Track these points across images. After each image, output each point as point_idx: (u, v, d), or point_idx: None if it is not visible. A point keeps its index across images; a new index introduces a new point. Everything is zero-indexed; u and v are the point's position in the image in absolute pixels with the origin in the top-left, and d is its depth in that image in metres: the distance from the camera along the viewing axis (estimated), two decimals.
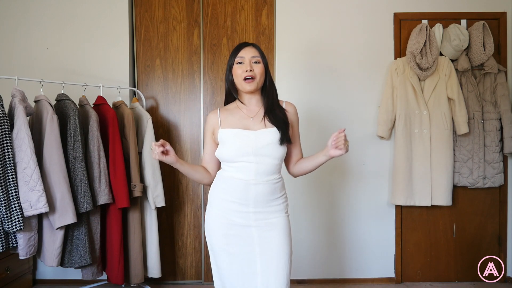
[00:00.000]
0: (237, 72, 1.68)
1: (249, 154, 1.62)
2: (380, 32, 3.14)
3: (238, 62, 1.69)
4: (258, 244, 1.63)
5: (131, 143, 2.67)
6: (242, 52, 1.70)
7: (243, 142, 1.63)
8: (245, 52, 1.69)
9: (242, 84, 1.68)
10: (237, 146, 1.63)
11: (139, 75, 3.17)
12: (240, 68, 1.68)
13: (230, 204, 1.67)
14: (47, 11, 3.12)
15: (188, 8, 3.16)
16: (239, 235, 1.64)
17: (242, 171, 1.64)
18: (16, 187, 2.16)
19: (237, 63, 1.69)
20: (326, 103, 3.14)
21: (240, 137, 1.64)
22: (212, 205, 1.75)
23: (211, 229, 1.71)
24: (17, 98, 2.25)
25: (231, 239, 1.65)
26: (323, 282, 3.13)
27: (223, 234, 1.66)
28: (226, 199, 1.68)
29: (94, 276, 2.60)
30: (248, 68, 1.66)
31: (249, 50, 1.70)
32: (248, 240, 1.64)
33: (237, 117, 1.71)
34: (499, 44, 3.12)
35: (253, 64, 1.68)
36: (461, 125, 2.94)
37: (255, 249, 1.63)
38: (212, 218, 1.72)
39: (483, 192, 3.13)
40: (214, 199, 1.74)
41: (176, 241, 3.17)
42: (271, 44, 3.15)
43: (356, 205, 3.15)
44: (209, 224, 1.73)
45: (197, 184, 3.15)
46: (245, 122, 1.69)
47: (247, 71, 1.65)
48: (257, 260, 1.63)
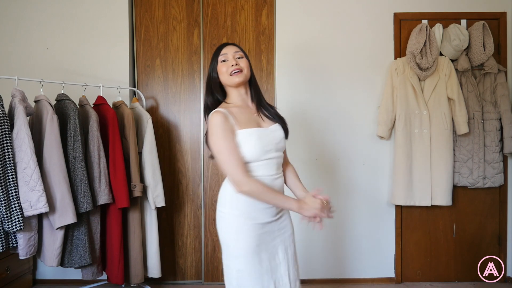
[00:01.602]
0: (223, 69, 1.67)
1: (272, 150, 1.64)
2: (380, 32, 3.14)
3: (222, 60, 1.68)
4: (278, 235, 1.68)
5: (131, 143, 2.67)
6: (224, 50, 1.69)
7: (265, 140, 1.63)
8: (227, 50, 1.69)
9: (230, 79, 1.66)
10: (262, 144, 1.61)
11: (139, 75, 3.17)
12: (225, 65, 1.66)
13: (257, 204, 1.61)
14: (47, 11, 3.12)
15: (188, 8, 3.16)
16: (267, 231, 1.65)
17: (265, 168, 1.62)
18: (16, 187, 2.16)
19: (221, 61, 1.68)
20: (326, 102, 3.14)
21: (261, 136, 1.62)
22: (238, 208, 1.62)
23: (242, 232, 1.61)
24: (17, 98, 2.25)
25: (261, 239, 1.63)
26: (323, 282, 3.13)
27: (255, 236, 1.61)
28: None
29: (94, 276, 2.60)
30: (234, 63, 1.65)
31: (231, 48, 1.70)
32: (272, 235, 1.67)
33: (246, 115, 1.67)
34: (499, 44, 3.12)
35: (237, 59, 1.68)
36: (461, 125, 2.94)
37: (276, 240, 1.67)
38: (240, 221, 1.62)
39: (483, 192, 3.13)
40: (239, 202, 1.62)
41: (176, 241, 3.17)
42: (271, 44, 3.15)
43: (356, 205, 3.15)
44: (240, 228, 1.61)
45: (197, 184, 3.15)
46: (255, 119, 1.69)
47: (233, 65, 1.65)
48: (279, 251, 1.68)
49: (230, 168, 1.55)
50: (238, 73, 1.65)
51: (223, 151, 1.56)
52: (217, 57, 1.70)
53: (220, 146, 1.56)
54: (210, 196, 3.15)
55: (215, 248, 3.15)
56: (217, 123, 1.56)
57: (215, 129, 1.56)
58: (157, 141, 2.93)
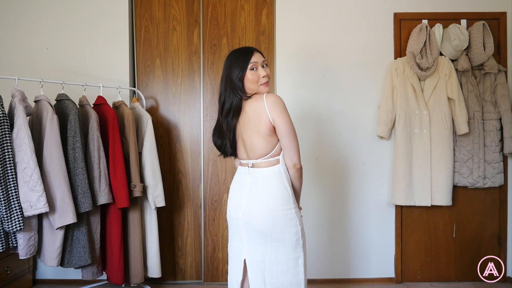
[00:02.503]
0: (253, 77, 1.74)
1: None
2: (380, 32, 3.15)
3: (252, 68, 1.75)
4: None
5: (131, 143, 2.67)
6: (253, 58, 1.76)
7: None
8: (256, 58, 1.76)
9: (260, 88, 1.77)
10: None
11: (139, 75, 3.17)
12: (255, 74, 1.74)
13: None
14: (47, 11, 3.12)
15: (188, 8, 3.16)
16: None
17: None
18: (16, 187, 2.16)
19: (250, 69, 1.74)
20: (326, 103, 3.14)
21: None
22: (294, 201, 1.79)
23: (300, 220, 1.80)
24: (17, 98, 2.25)
25: None
26: (323, 282, 3.13)
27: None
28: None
29: (94, 276, 2.60)
30: (264, 74, 1.76)
31: (259, 56, 1.78)
32: None
33: None
34: (499, 44, 3.12)
35: (264, 68, 1.78)
36: (461, 125, 2.94)
37: None
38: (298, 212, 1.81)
39: (483, 192, 3.13)
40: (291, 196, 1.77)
41: (176, 241, 3.17)
42: (271, 44, 3.15)
43: (356, 205, 3.15)
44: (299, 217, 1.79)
45: (197, 184, 3.15)
46: None
47: (264, 77, 1.76)
48: None
49: (297, 146, 1.74)
50: (267, 84, 1.78)
51: (293, 131, 1.73)
52: (246, 63, 1.74)
53: (292, 125, 1.72)
54: (210, 196, 3.15)
55: (215, 248, 3.15)
56: (284, 104, 1.73)
57: (285, 108, 1.71)
58: (157, 141, 2.93)
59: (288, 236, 1.72)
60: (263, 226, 1.72)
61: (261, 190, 1.74)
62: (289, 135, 1.71)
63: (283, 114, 1.69)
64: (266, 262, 1.73)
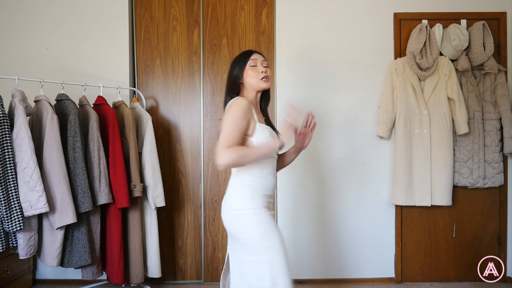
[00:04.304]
0: (253, 73, 1.80)
1: (277, 150, 1.75)
2: (380, 32, 3.15)
3: (252, 65, 1.81)
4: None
5: (131, 143, 2.67)
6: (253, 56, 1.83)
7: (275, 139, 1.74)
8: (256, 56, 1.83)
9: (260, 83, 1.80)
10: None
11: (139, 75, 3.17)
12: (255, 70, 1.80)
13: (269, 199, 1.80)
14: (47, 11, 3.12)
15: (188, 8, 3.16)
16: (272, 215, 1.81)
17: (270, 166, 1.80)
18: (16, 187, 2.16)
19: (251, 66, 1.81)
20: (326, 103, 3.14)
21: (272, 134, 1.78)
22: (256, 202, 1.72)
23: (266, 223, 1.71)
24: (17, 98, 2.25)
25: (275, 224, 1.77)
26: (323, 282, 3.13)
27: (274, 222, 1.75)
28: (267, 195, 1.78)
29: (94, 276, 2.60)
30: (263, 70, 1.81)
31: (259, 56, 1.85)
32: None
33: (259, 114, 1.83)
34: (499, 44, 3.12)
35: (264, 67, 1.83)
36: (461, 125, 2.94)
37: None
38: (262, 213, 1.73)
39: (483, 192, 3.13)
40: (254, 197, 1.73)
41: (176, 241, 3.17)
42: (271, 44, 3.15)
43: (356, 205, 3.15)
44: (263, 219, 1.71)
45: (197, 184, 3.15)
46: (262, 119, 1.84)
47: (263, 72, 1.80)
48: None
49: (224, 139, 1.62)
50: (267, 80, 1.82)
51: (230, 127, 1.64)
52: (245, 61, 1.82)
53: (230, 121, 1.65)
54: (210, 196, 3.15)
55: (215, 248, 3.15)
56: (242, 105, 1.68)
57: (236, 107, 1.67)
58: (157, 141, 2.93)
59: (247, 238, 1.70)
60: (226, 225, 1.77)
61: (228, 188, 1.81)
62: (222, 127, 1.67)
63: (226, 115, 1.69)
64: (237, 260, 1.76)
